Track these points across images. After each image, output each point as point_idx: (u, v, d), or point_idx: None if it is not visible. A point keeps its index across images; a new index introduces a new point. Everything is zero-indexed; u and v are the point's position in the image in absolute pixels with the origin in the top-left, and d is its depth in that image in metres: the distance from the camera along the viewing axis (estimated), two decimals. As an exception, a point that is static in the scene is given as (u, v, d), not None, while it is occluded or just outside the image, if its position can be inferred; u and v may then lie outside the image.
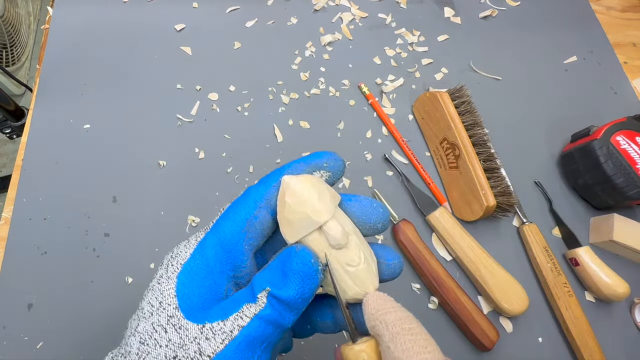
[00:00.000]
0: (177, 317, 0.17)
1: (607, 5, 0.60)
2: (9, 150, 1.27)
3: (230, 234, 0.18)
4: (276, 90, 0.49)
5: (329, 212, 0.18)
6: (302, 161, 0.20)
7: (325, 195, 0.18)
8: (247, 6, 0.54)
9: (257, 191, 0.19)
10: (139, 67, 0.49)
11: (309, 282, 0.17)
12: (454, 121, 0.43)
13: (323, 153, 0.20)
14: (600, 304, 0.40)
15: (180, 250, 0.19)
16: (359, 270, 0.18)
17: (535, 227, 0.41)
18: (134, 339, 0.17)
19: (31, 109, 0.46)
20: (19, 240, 0.39)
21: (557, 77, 0.53)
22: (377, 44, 0.53)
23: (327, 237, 0.18)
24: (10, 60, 1.13)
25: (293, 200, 0.18)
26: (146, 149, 0.44)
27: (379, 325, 0.16)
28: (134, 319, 0.18)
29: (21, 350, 0.35)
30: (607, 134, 0.41)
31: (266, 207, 0.19)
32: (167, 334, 0.17)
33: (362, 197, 0.20)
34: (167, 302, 0.17)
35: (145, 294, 0.19)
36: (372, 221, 0.19)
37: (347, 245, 0.18)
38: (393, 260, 0.20)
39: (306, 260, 0.17)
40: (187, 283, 0.18)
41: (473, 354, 0.37)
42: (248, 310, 0.17)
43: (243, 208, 0.19)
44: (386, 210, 0.20)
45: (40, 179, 0.42)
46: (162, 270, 0.19)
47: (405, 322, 0.16)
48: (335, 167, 0.20)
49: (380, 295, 0.18)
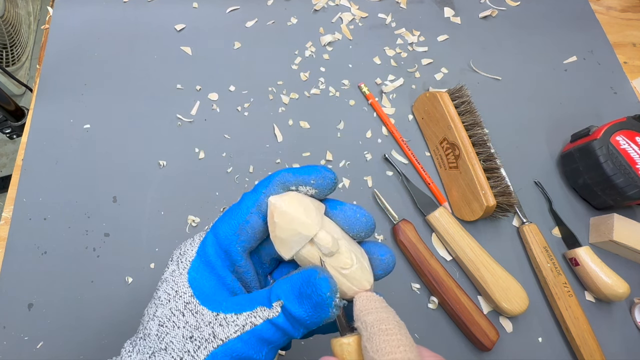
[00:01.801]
0: (193, 303, 0.19)
1: (607, 5, 0.60)
2: (9, 150, 1.27)
3: (225, 235, 0.20)
4: (276, 90, 0.49)
5: (317, 224, 0.19)
6: (291, 172, 0.20)
7: (311, 209, 0.19)
8: (247, 6, 0.54)
9: (250, 198, 0.20)
10: (139, 67, 0.49)
11: (321, 312, 0.17)
12: (454, 121, 0.43)
13: (314, 168, 0.20)
14: (600, 304, 0.40)
15: (187, 248, 0.21)
16: (353, 272, 0.19)
17: (535, 227, 0.41)
18: (153, 323, 0.19)
19: (31, 109, 0.46)
20: (19, 240, 0.39)
21: (557, 77, 0.53)
22: (377, 44, 0.53)
23: (319, 247, 0.19)
24: (10, 60, 1.13)
25: (281, 219, 0.19)
26: (146, 149, 0.44)
27: (359, 324, 0.18)
28: (150, 307, 0.20)
29: (21, 350, 0.35)
30: (607, 134, 0.41)
31: (257, 213, 0.20)
32: (185, 317, 0.18)
33: (347, 205, 0.21)
34: (183, 290, 0.19)
35: (160, 285, 0.20)
36: (355, 230, 0.20)
37: (339, 251, 0.19)
38: (385, 255, 0.21)
39: (322, 292, 0.17)
40: (197, 277, 0.19)
41: (473, 354, 0.37)
42: (262, 312, 0.18)
43: (237, 213, 0.20)
44: (369, 218, 0.21)
45: (40, 179, 0.42)
46: (173, 266, 0.20)
47: (383, 323, 0.17)
48: (322, 185, 0.20)
49: (368, 295, 0.19)
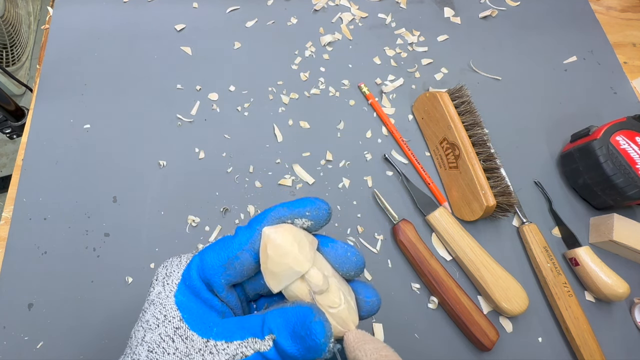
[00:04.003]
0: (183, 328, 0.18)
1: (607, 5, 0.60)
2: (9, 150, 1.27)
3: (211, 265, 0.20)
4: (276, 90, 0.49)
5: (310, 260, 0.19)
6: (286, 206, 0.20)
7: (305, 244, 0.19)
8: (247, 6, 0.54)
9: (244, 234, 0.20)
10: (139, 67, 0.49)
11: (314, 354, 0.17)
12: (454, 121, 0.43)
13: (308, 200, 0.21)
14: (600, 304, 0.40)
15: (174, 270, 0.21)
16: (340, 311, 0.19)
17: (535, 227, 0.41)
18: (142, 348, 0.18)
19: (31, 109, 0.46)
20: (19, 240, 0.39)
21: (557, 77, 0.53)
22: (377, 44, 0.53)
23: (309, 284, 0.19)
24: (10, 60, 1.13)
25: (275, 252, 0.19)
26: (146, 149, 0.44)
27: (358, 353, 0.18)
28: (138, 330, 0.19)
29: (21, 350, 0.35)
30: (607, 134, 0.41)
31: (249, 251, 0.20)
32: (175, 343, 0.18)
33: (339, 244, 0.21)
34: (172, 314, 0.19)
35: (147, 307, 0.20)
36: (345, 269, 0.20)
37: (328, 289, 0.19)
38: (371, 297, 0.20)
39: (316, 337, 0.17)
40: (184, 301, 0.19)
41: (473, 354, 0.37)
42: (253, 344, 0.17)
43: (228, 247, 0.20)
44: (360, 258, 0.21)
45: (40, 179, 0.42)
46: (159, 287, 0.20)
47: (382, 350, 0.17)
48: (317, 217, 0.20)
49: (358, 331, 0.19)
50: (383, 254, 0.41)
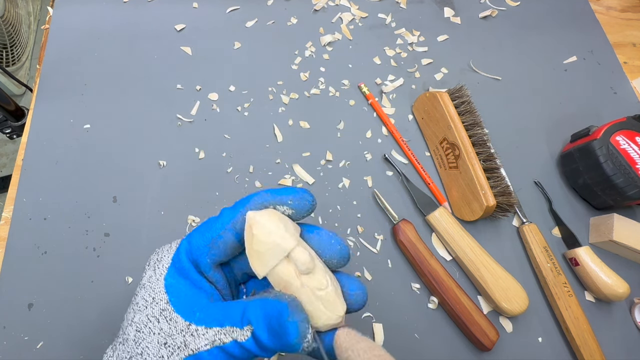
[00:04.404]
0: (168, 310, 0.19)
1: (607, 5, 0.60)
2: (9, 150, 1.27)
3: (197, 245, 0.20)
4: (276, 90, 0.49)
5: (295, 239, 0.19)
6: (270, 192, 0.21)
7: (289, 225, 0.20)
8: (247, 6, 0.54)
9: (227, 214, 0.21)
10: (139, 67, 0.49)
11: (288, 349, 0.17)
12: (454, 121, 0.43)
13: (292, 190, 0.21)
14: (600, 304, 0.40)
15: (164, 255, 0.22)
16: (328, 294, 0.19)
17: (535, 227, 0.41)
18: (131, 328, 0.19)
19: (31, 109, 0.46)
20: (19, 240, 0.39)
21: (557, 77, 0.53)
22: (377, 44, 0.53)
23: (295, 263, 0.19)
24: (10, 60, 1.13)
25: (260, 231, 0.19)
26: (146, 149, 0.44)
27: (350, 353, 0.18)
28: (129, 312, 0.20)
29: (21, 350, 0.35)
30: (607, 134, 0.41)
31: (231, 230, 0.20)
32: (159, 324, 0.19)
33: (324, 231, 0.21)
34: (159, 297, 0.20)
35: (138, 291, 0.21)
36: (328, 255, 0.20)
37: (314, 270, 0.19)
38: (356, 291, 0.20)
39: (290, 337, 0.17)
40: (174, 284, 0.20)
41: (473, 354, 0.37)
42: (231, 332, 0.18)
43: (212, 227, 0.21)
44: (345, 248, 0.20)
45: (40, 179, 0.42)
46: (150, 271, 0.21)
47: (375, 349, 0.17)
48: (299, 206, 0.21)
49: (349, 330, 0.19)
50: (383, 254, 0.41)
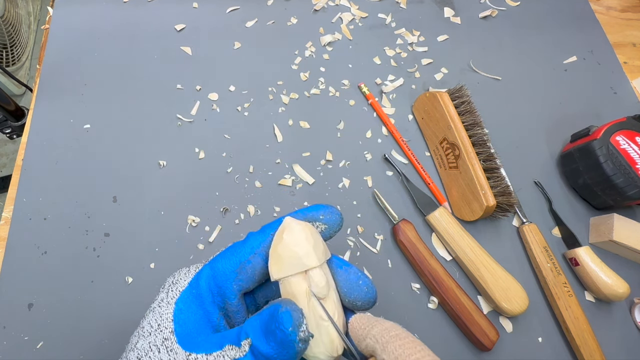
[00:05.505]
0: (170, 340, 0.19)
1: (607, 5, 0.60)
2: (9, 150, 1.27)
3: (223, 271, 0.20)
4: (276, 90, 0.49)
5: (319, 260, 0.19)
6: (300, 212, 0.21)
7: (320, 246, 0.19)
8: (247, 6, 0.54)
9: (256, 238, 0.20)
10: (139, 67, 0.49)
11: (287, 348, 0.16)
12: (454, 121, 0.43)
13: (321, 206, 0.21)
14: (600, 304, 0.40)
15: (181, 277, 0.21)
16: (331, 328, 0.18)
17: (535, 227, 0.41)
18: (133, 354, 0.19)
19: (31, 109, 0.46)
20: (19, 240, 0.39)
21: (557, 77, 0.53)
22: (377, 44, 0.53)
23: (311, 283, 0.18)
24: (10, 60, 1.13)
25: (290, 239, 0.19)
26: (146, 149, 0.44)
27: (369, 341, 0.17)
28: (134, 335, 0.20)
29: (21, 350, 0.35)
30: (607, 134, 0.41)
31: (261, 254, 0.20)
32: (160, 354, 0.19)
33: (353, 268, 0.20)
34: (165, 325, 0.19)
35: (147, 314, 0.20)
36: (352, 297, 0.20)
37: (326, 298, 0.18)
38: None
39: (284, 327, 0.16)
40: (184, 309, 0.20)
41: (473, 354, 0.37)
42: (230, 351, 0.17)
43: (240, 251, 0.20)
44: (372, 291, 0.20)
45: (40, 179, 0.42)
46: (163, 294, 0.21)
47: (391, 330, 0.17)
48: (331, 221, 0.21)
49: (361, 315, 0.19)
50: (383, 254, 0.41)
